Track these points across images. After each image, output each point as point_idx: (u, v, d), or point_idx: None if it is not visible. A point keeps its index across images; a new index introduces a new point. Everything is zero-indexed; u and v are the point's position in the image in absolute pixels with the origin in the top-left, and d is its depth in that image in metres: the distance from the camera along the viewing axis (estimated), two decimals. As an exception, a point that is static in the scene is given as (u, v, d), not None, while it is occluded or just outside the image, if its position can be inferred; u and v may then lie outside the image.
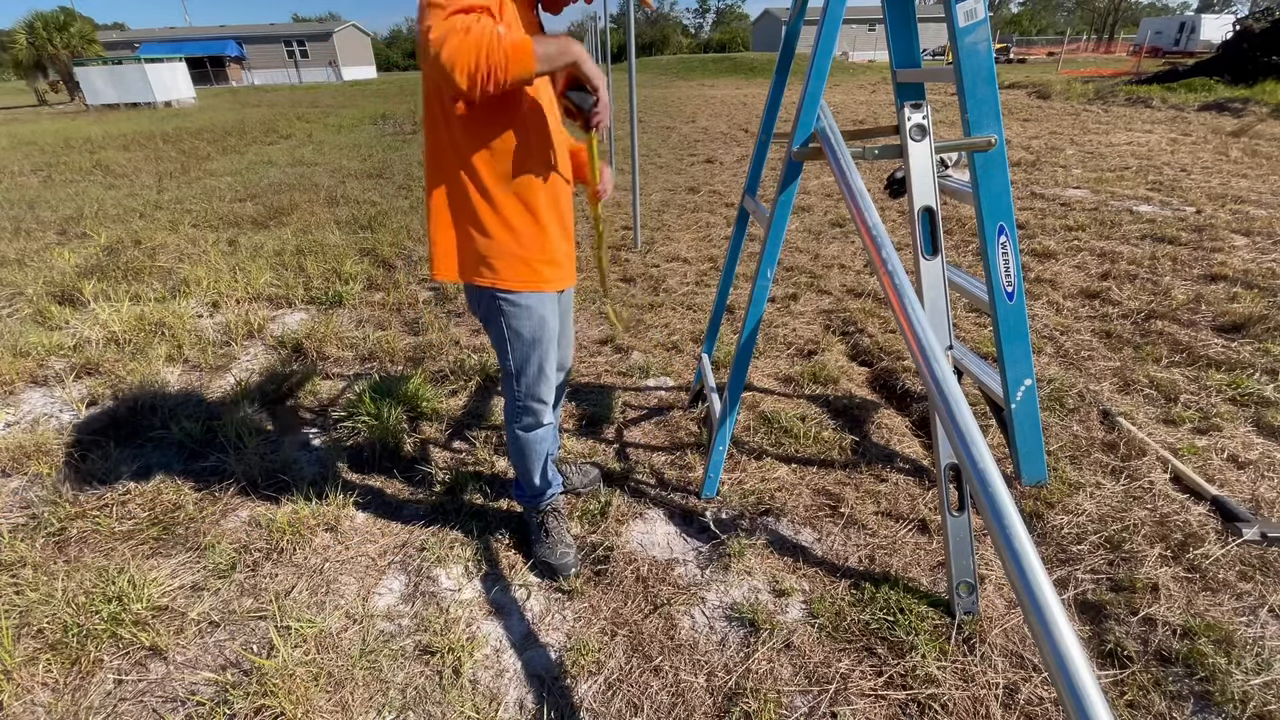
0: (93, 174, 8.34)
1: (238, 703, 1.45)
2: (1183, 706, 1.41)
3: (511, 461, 1.85)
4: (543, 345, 1.62)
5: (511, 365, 1.64)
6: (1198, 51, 27.93)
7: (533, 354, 1.62)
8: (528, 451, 1.78)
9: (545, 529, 1.89)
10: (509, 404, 1.73)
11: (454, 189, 1.43)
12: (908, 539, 1.92)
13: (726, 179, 7.18)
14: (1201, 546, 1.82)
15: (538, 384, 1.67)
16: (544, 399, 1.71)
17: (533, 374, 1.65)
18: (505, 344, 1.60)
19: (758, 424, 2.51)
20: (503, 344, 1.60)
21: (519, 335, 1.58)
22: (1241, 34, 14.78)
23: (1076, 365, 2.87)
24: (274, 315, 3.71)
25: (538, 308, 1.56)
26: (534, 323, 1.57)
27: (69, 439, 2.48)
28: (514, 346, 1.60)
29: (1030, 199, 5.72)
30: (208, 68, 44.21)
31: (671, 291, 3.97)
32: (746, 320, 1.92)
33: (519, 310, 1.55)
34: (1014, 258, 1.71)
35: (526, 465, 1.81)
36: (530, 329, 1.58)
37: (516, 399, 1.70)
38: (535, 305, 1.56)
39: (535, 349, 1.61)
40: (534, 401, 1.70)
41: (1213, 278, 3.72)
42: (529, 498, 1.90)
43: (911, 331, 1.10)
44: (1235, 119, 9.78)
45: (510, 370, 1.65)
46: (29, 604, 1.71)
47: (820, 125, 1.66)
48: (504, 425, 1.81)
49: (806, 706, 1.45)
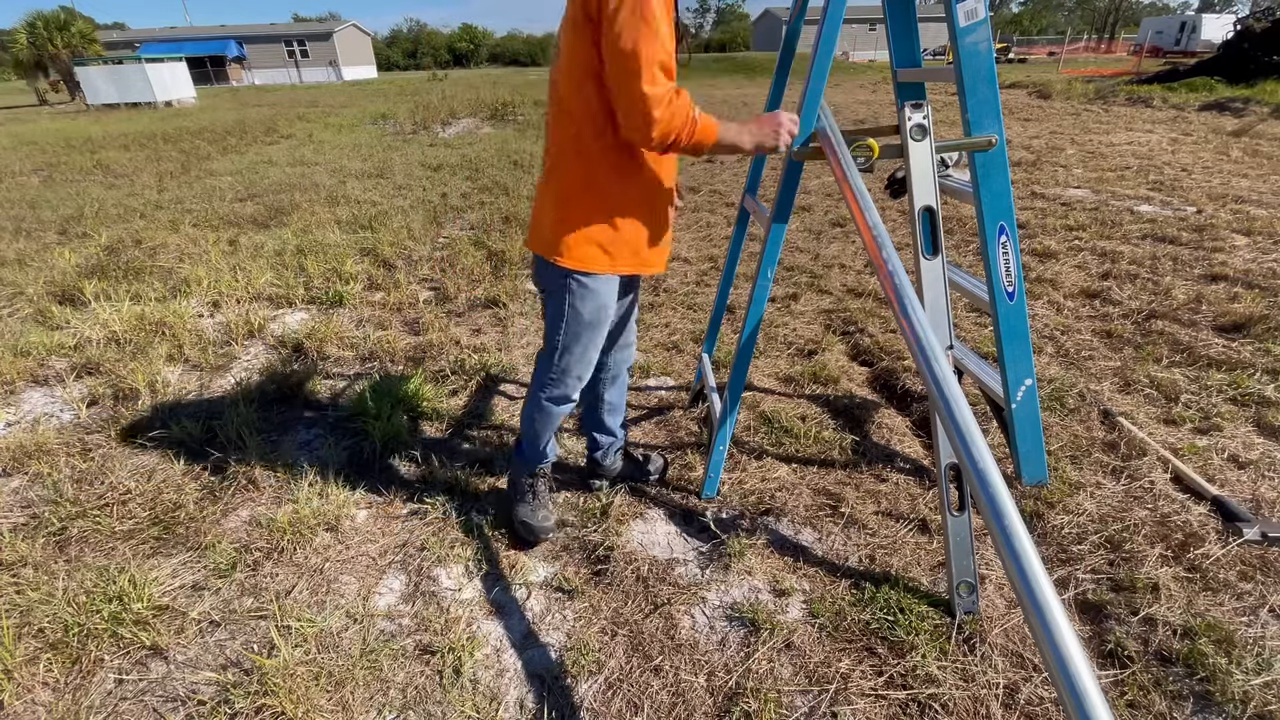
0: (93, 174, 8.34)
1: (238, 702, 1.45)
2: (1183, 706, 1.41)
3: (522, 425, 1.91)
4: (598, 329, 1.70)
5: (560, 340, 1.70)
6: (1198, 51, 27.91)
7: (585, 335, 1.69)
8: (547, 420, 1.86)
9: (534, 491, 1.96)
10: (542, 374, 1.80)
11: (572, 175, 1.53)
12: (908, 539, 1.92)
13: (727, 179, 7.18)
14: (1202, 546, 1.82)
15: (580, 363, 1.75)
16: (582, 377, 1.79)
17: (578, 353, 1.73)
18: (561, 320, 1.66)
19: (758, 424, 2.51)
20: (558, 319, 1.67)
21: (579, 315, 1.65)
22: (1242, 34, 14.77)
23: (1077, 365, 2.87)
24: (274, 315, 3.71)
25: (605, 292, 1.64)
26: (596, 305, 1.65)
27: (69, 439, 2.48)
28: (570, 323, 1.67)
29: (1031, 199, 5.72)
30: (208, 67, 44.23)
31: (672, 291, 3.97)
32: (747, 320, 1.92)
33: (586, 291, 1.62)
34: (1014, 257, 1.70)
35: (537, 431, 1.88)
36: (591, 310, 1.65)
37: (553, 372, 1.77)
38: (603, 289, 1.63)
39: (589, 331, 1.69)
40: (571, 379, 1.78)
41: (1213, 277, 3.72)
42: (528, 460, 1.95)
43: (912, 331, 1.10)
44: (1236, 119, 9.78)
45: (556, 345, 1.71)
46: (30, 603, 1.71)
47: (821, 125, 1.66)
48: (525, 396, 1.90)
49: (807, 706, 1.45)
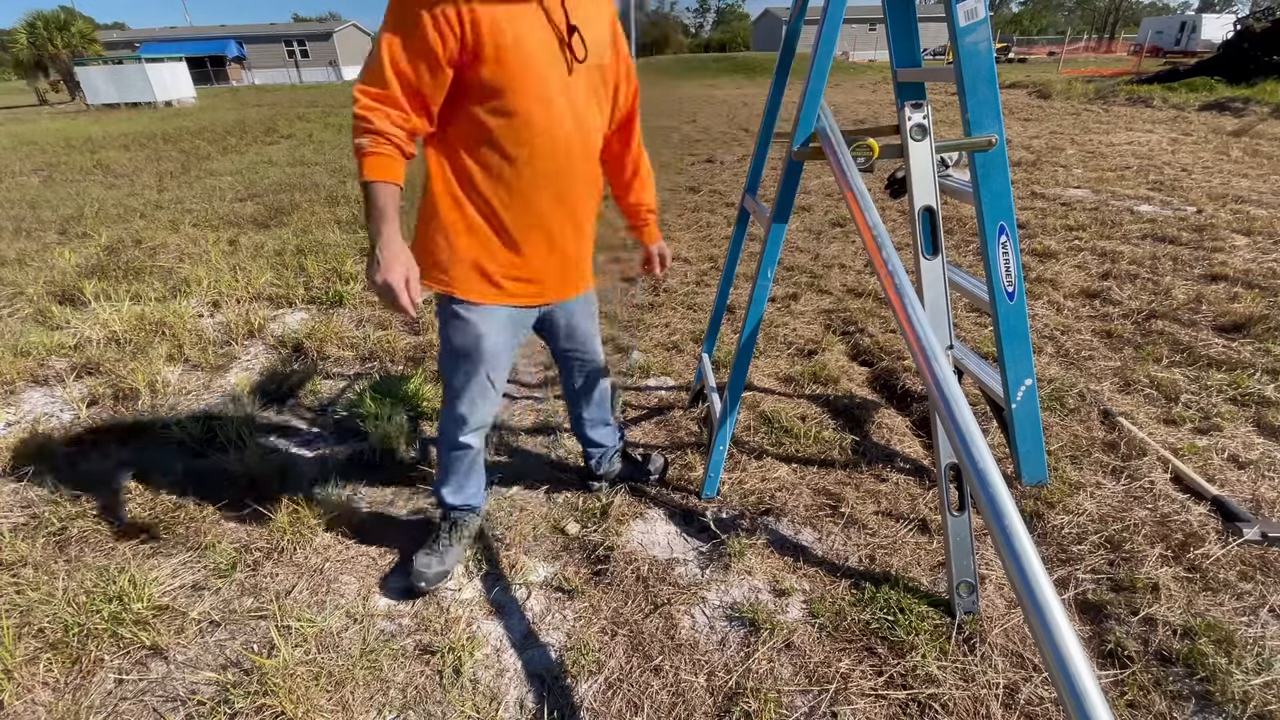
0: (93, 174, 8.34)
1: (238, 702, 1.45)
2: (1183, 706, 1.41)
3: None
4: (473, 362, 1.57)
5: (443, 372, 1.63)
6: (1198, 51, 27.91)
7: (459, 367, 1.59)
8: (449, 465, 1.76)
9: (436, 535, 1.82)
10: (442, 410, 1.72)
11: (427, 189, 1.44)
12: (908, 539, 1.92)
13: (727, 179, 7.18)
14: (1202, 546, 1.81)
15: (464, 401, 1.63)
16: (466, 417, 1.66)
17: (458, 388, 1.62)
18: (441, 349, 1.59)
19: (758, 424, 2.51)
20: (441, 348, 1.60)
21: (449, 343, 1.56)
22: (1242, 34, 14.78)
23: (1077, 365, 2.87)
24: (274, 315, 3.71)
25: (476, 322, 1.52)
26: (466, 336, 1.54)
27: (70, 438, 2.48)
28: (443, 353, 1.59)
29: (1031, 199, 5.72)
30: (208, 67, 44.18)
31: (672, 291, 3.97)
32: (747, 320, 1.92)
33: (454, 321, 1.52)
34: (1014, 257, 1.70)
35: (443, 470, 1.79)
36: (461, 341, 1.54)
37: (443, 408, 1.69)
38: (474, 319, 1.52)
39: (463, 364, 1.58)
40: (456, 418, 1.66)
41: (1213, 277, 3.72)
42: (439, 499, 1.83)
43: (912, 331, 1.10)
44: (1236, 119, 9.77)
45: (443, 376, 1.65)
46: (30, 603, 1.71)
47: (821, 125, 1.66)
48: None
49: (807, 706, 1.45)
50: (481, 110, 1.34)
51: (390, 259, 1.30)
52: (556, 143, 1.42)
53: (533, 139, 1.39)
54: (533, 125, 1.37)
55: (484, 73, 1.30)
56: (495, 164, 1.39)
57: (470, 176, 1.40)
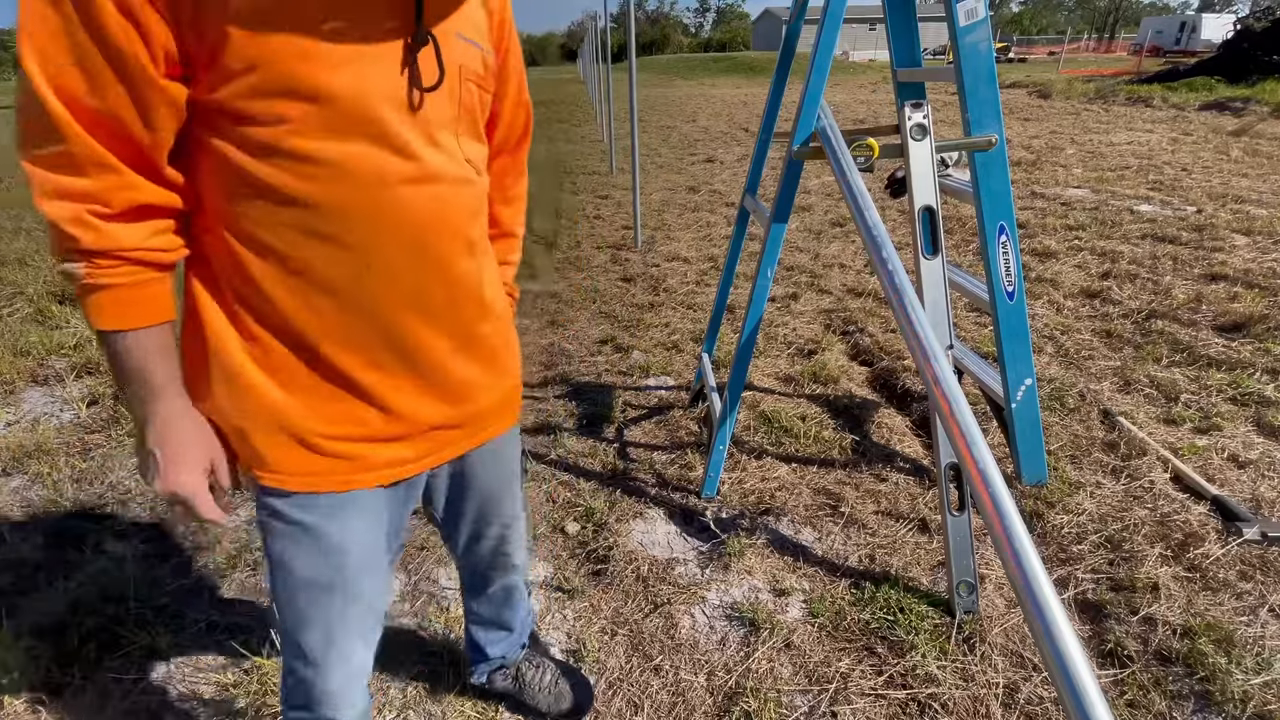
0: (93, 173, 8.33)
1: (239, 702, 1.45)
2: (1183, 706, 1.41)
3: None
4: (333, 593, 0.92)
5: (281, 616, 0.94)
6: (1198, 51, 27.91)
7: (302, 600, 0.92)
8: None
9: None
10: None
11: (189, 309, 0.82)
12: (908, 538, 1.92)
13: (727, 178, 7.18)
14: (1202, 546, 1.82)
15: (307, 651, 0.94)
16: (318, 681, 0.97)
17: (304, 636, 0.94)
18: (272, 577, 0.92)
19: (758, 423, 2.51)
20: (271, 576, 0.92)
21: (283, 566, 0.90)
22: (1242, 33, 14.80)
23: (1077, 365, 2.87)
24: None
25: (320, 526, 0.88)
26: (311, 555, 0.89)
27: (69, 438, 2.48)
28: (274, 581, 0.92)
29: (1031, 198, 5.72)
30: (208, 67, 44.18)
31: (672, 291, 3.97)
32: (747, 320, 1.92)
33: (282, 531, 0.88)
34: (1014, 257, 1.71)
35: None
36: (305, 564, 0.90)
37: (285, 667, 1.00)
38: (315, 522, 0.87)
39: (308, 594, 0.91)
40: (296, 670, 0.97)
41: (1213, 277, 3.72)
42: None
43: (912, 331, 1.10)
44: (1236, 118, 9.78)
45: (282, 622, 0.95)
46: (30, 603, 1.71)
47: (820, 124, 1.66)
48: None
49: (807, 706, 1.45)
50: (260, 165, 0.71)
51: (175, 451, 0.79)
52: (406, 211, 0.79)
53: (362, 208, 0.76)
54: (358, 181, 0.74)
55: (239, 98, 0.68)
56: (299, 253, 0.76)
57: (256, 281, 0.77)
